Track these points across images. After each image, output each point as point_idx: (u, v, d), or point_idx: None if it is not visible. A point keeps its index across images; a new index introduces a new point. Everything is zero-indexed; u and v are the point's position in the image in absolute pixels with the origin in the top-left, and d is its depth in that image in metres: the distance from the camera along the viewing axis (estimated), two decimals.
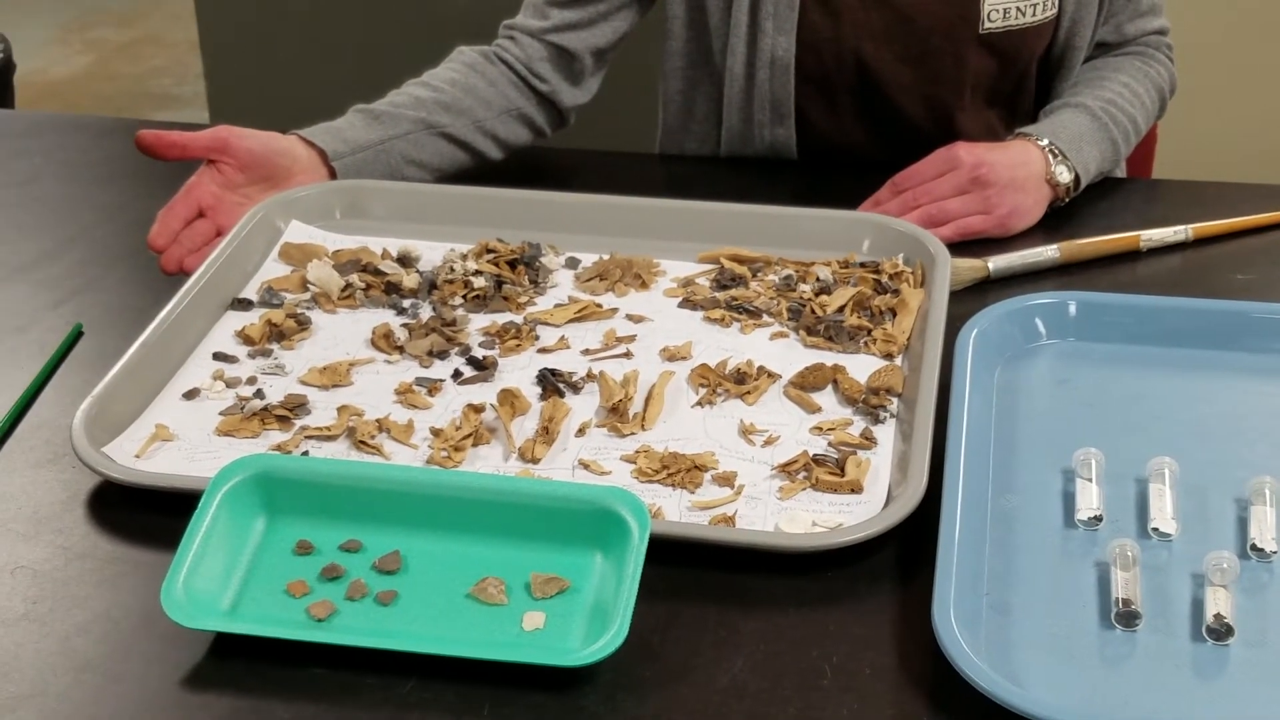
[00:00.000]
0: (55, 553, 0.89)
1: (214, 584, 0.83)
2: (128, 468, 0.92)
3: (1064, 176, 1.21)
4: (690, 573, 0.86)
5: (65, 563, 0.88)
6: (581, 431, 0.97)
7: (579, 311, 1.09)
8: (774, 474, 0.93)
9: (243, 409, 0.98)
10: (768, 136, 1.33)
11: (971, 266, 1.14)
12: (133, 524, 0.91)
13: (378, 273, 1.13)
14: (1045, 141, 1.21)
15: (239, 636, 0.81)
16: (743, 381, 1.01)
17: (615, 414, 0.98)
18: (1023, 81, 1.33)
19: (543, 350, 1.05)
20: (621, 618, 0.79)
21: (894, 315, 1.07)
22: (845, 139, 1.34)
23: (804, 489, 0.91)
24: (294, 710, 0.78)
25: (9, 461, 0.97)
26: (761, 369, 1.02)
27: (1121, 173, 1.36)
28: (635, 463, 0.93)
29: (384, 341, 1.06)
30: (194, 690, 0.79)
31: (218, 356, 1.04)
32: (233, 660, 0.81)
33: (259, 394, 1.00)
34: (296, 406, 0.99)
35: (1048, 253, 1.16)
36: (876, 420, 0.97)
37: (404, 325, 1.07)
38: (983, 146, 1.21)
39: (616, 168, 1.32)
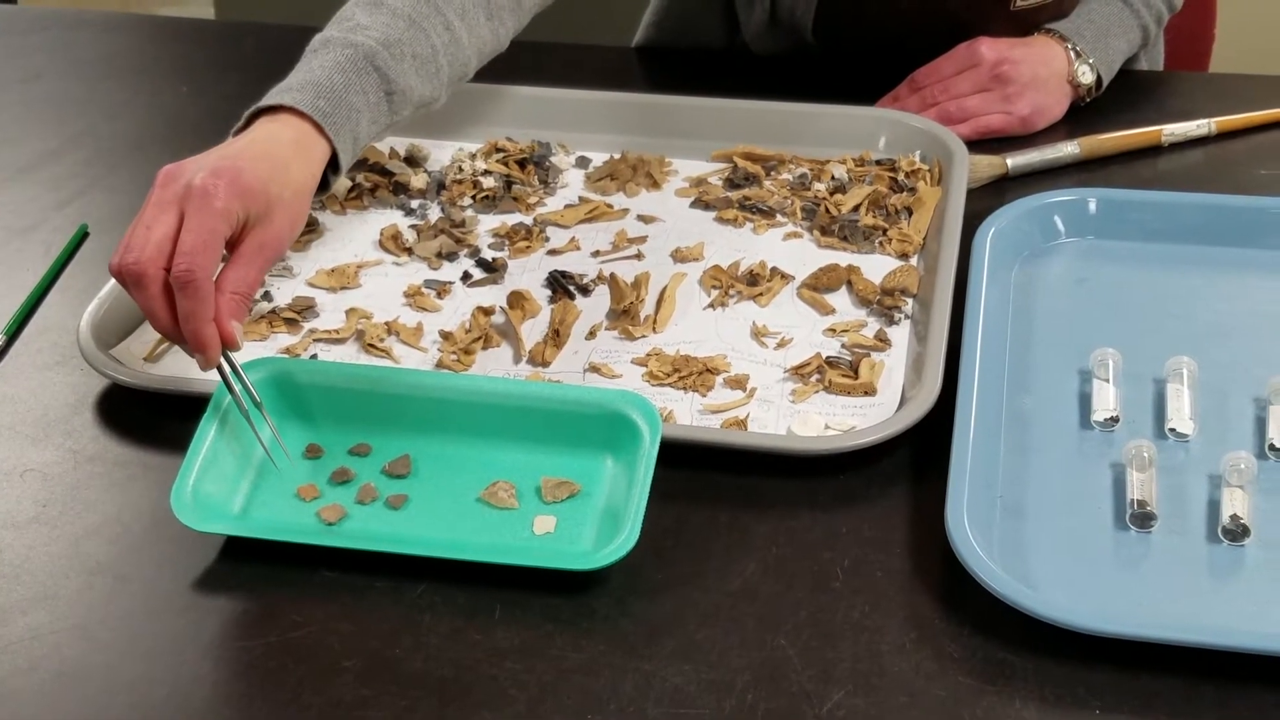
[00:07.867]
0: (64, 456, 0.89)
1: (224, 487, 0.83)
2: (136, 371, 0.92)
3: (1086, 78, 1.18)
4: (702, 476, 0.85)
5: (74, 466, 0.88)
6: (592, 334, 0.96)
7: (589, 212, 1.07)
8: (787, 376, 0.92)
9: (250, 311, 0.97)
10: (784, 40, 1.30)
11: (990, 163, 1.12)
12: (142, 427, 0.90)
13: (385, 172, 1.11)
14: (1069, 42, 1.18)
15: (249, 540, 0.81)
16: (755, 283, 0.99)
17: (626, 316, 0.96)
18: None
19: (553, 252, 1.04)
20: (632, 521, 0.78)
21: (910, 214, 1.05)
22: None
23: (817, 391, 0.90)
24: (305, 613, 0.78)
25: (16, 364, 0.96)
26: (775, 270, 1.00)
27: (1160, 65, 1.32)
28: (646, 366, 0.92)
29: (392, 243, 1.04)
30: (205, 593, 0.79)
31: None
32: (243, 563, 0.81)
33: (266, 296, 0.99)
34: (305, 309, 0.98)
35: (1068, 149, 1.13)
36: (891, 321, 0.96)
37: (412, 226, 1.06)
38: (1005, 43, 1.18)
39: (626, 63, 1.29)
